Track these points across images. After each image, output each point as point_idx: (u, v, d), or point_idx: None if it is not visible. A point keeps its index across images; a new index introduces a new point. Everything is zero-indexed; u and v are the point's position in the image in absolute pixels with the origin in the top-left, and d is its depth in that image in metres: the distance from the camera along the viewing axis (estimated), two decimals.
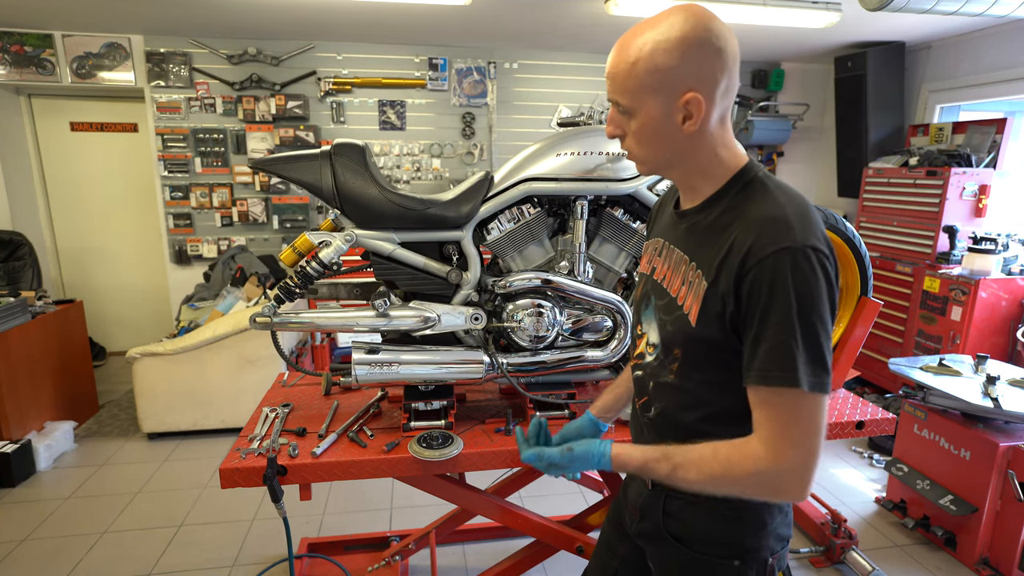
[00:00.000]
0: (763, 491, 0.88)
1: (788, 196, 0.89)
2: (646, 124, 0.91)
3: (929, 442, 2.51)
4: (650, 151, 0.94)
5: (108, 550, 2.42)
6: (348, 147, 1.56)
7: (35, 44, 3.92)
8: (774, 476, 0.84)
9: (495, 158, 4.59)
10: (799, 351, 0.81)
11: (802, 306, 0.81)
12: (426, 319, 1.58)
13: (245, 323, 3.22)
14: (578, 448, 1.01)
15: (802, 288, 0.81)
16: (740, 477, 0.86)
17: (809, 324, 0.82)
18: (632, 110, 0.91)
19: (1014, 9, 2.69)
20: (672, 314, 0.97)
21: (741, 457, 0.85)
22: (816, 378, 0.82)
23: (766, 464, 0.84)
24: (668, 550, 1.04)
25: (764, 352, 0.83)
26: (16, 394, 3.03)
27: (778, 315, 0.82)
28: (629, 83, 0.89)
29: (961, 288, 3.26)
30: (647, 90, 0.88)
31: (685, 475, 0.90)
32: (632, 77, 0.88)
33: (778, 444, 0.83)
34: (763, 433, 0.85)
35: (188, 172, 4.26)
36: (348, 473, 1.48)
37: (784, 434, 0.83)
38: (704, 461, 0.88)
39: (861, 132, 4.23)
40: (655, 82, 0.87)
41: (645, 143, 0.93)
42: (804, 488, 0.85)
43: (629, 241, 1.70)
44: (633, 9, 3.12)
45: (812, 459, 0.83)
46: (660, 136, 0.91)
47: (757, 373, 0.84)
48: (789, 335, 0.81)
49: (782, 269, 0.81)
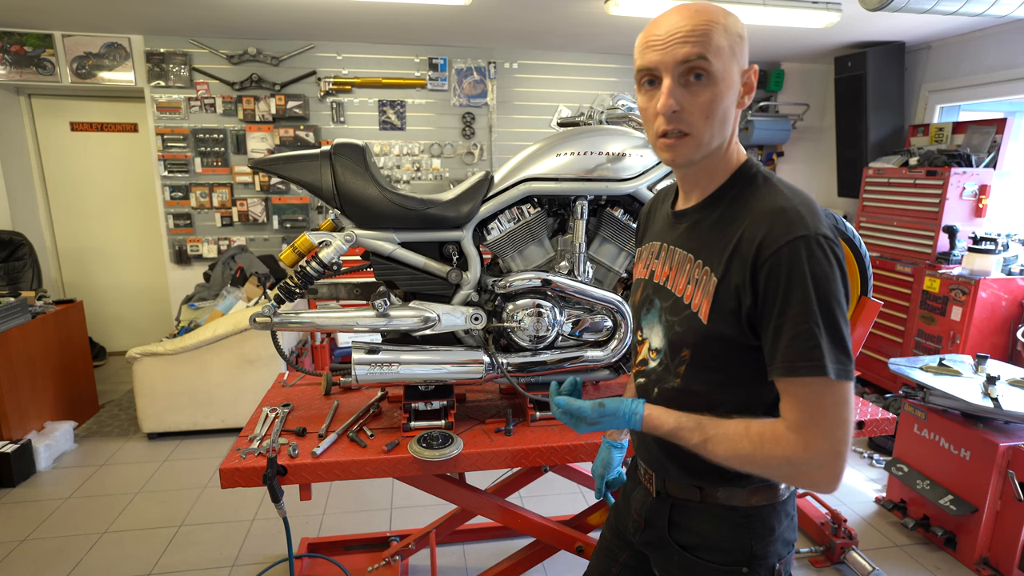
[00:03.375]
0: (792, 478, 0.87)
1: (792, 190, 0.89)
2: (725, 92, 0.86)
3: (929, 442, 2.51)
4: (714, 125, 0.88)
5: (108, 550, 2.43)
6: (348, 147, 1.56)
7: (35, 44, 3.92)
8: (804, 465, 0.83)
9: (495, 158, 4.59)
10: (823, 338, 0.80)
11: (821, 294, 0.81)
12: (426, 319, 1.58)
13: (245, 323, 3.22)
14: (609, 404, 0.96)
15: (819, 276, 0.81)
16: (769, 460, 0.84)
17: (829, 311, 0.81)
18: (717, 74, 0.85)
19: (1014, 9, 2.70)
20: (680, 314, 0.95)
21: (773, 440, 0.84)
22: (841, 365, 0.81)
23: (795, 452, 0.82)
24: (674, 558, 1.03)
25: (787, 342, 0.82)
26: (16, 394, 3.03)
27: (798, 304, 0.81)
28: (722, 42, 0.85)
29: (961, 288, 3.26)
30: (732, 54, 0.86)
31: (715, 448, 0.88)
32: (724, 36, 0.85)
33: (808, 433, 0.82)
34: (792, 422, 0.83)
35: (188, 172, 4.26)
36: (348, 473, 1.48)
37: (813, 423, 0.82)
38: (736, 438, 0.87)
39: (861, 132, 4.23)
40: (737, 48, 0.87)
41: (713, 115, 0.87)
42: (835, 479, 0.83)
43: (629, 241, 1.70)
44: (633, 9, 3.12)
45: (843, 448, 0.82)
46: (727, 108, 0.88)
47: (782, 364, 0.83)
48: (812, 323, 0.80)
49: (798, 258, 0.81)
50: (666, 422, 0.93)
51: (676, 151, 0.89)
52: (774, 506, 0.98)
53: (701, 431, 0.89)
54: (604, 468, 1.25)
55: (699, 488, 0.99)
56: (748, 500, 0.97)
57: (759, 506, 0.97)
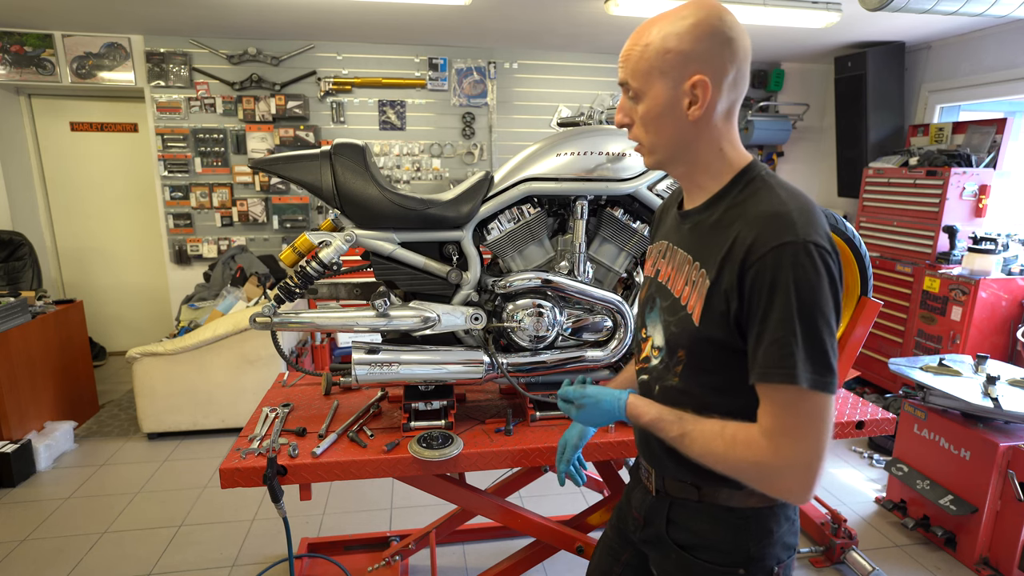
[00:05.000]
0: (762, 484, 0.87)
1: (791, 194, 0.88)
2: (653, 108, 0.91)
3: (929, 442, 2.51)
4: (655, 138, 0.94)
5: (108, 550, 2.42)
6: (348, 147, 1.56)
7: (35, 44, 3.92)
8: (772, 471, 0.83)
9: (495, 158, 4.59)
10: (798, 348, 0.80)
11: (803, 302, 0.80)
12: (426, 319, 1.58)
13: (245, 323, 3.22)
14: (592, 388, 1.06)
15: (803, 284, 0.80)
16: (739, 462, 0.85)
17: (810, 321, 0.80)
18: (641, 92, 0.91)
19: (1014, 9, 2.70)
20: (676, 315, 0.96)
21: (745, 444, 0.85)
22: (817, 376, 0.80)
23: (766, 457, 0.83)
24: (672, 557, 1.03)
25: (764, 349, 0.82)
26: (16, 394, 3.03)
27: (779, 311, 0.81)
28: (640, 65, 0.90)
29: (961, 288, 3.26)
30: (656, 72, 0.89)
31: (691, 444, 0.90)
32: (643, 59, 0.89)
33: (779, 440, 0.82)
34: (765, 427, 0.84)
35: (188, 172, 4.26)
36: (348, 473, 1.48)
37: (784, 431, 0.82)
38: (711, 436, 0.88)
39: (861, 132, 4.23)
40: (664, 64, 0.88)
41: (651, 128, 0.93)
42: (806, 489, 0.83)
43: (629, 241, 1.70)
44: (633, 9, 3.12)
45: (815, 459, 0.81)
46: (665, 121, 0.91)
47: (759, 370, 0.84)
48: (789, 332, 0.80)
49: (783, 265, 0.81)
50: (647, 412, 0.98)
51: (643, 157, 0.99)
52: (773, 509, 0.97)
53: (680, 425, 0.92)
54: (564, 443, 1.31)
55: (697, 487, 0.99)
56: (746, 501, 0.96)
57: (757, 508, 0.97)
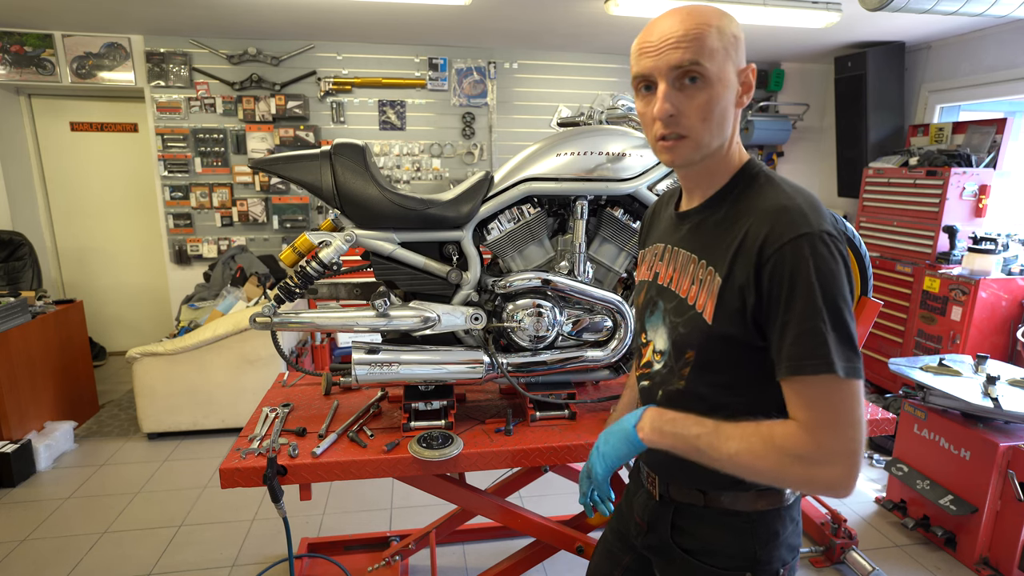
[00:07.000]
0: (803, 478, 0.81)
1: (795, 188, 0.89)
2: (722, 93, 0.86)
3: (929, 442, 2.51)
4: (714, 128, 0.88)
5: (108, 550, 2.42)
6: (348, 147, 1.56)
7: (35, 44, 3.92)
8: (818, 464, 0.79)
9: (495, 158, 4.59)
10: (829, 335, 0.79)
11: (826, 290, 0.80)
12: (426, 319, 1.58)
13: (245, 323, 3.22)
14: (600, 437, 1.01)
15: (824, 272, 0.80)
16: (782, 459, 0.81)
17: (835, 307, 0.80)
18: (711, 76, 0.85)
19: (1014, 9, 2.69)
20: (684, 315, 0.95)
21: (784, 437, 0.81)
22: (849, 363, 0.79)
23: (808, 450, 0.79)
24: (677, 563, 1.02)
25: (793, 340, 0.80)
26: (16, 394, 3.03)
27: (803, 301, 0.80)
28: (716, 46, 0.84)
29: (961, 288, 3.26)
30: (727, 56, 0.86)
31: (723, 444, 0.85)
32: (718, 39, 0.85)
33: (819, 432, 0.79)
34: (803, 421, 0.81)
35: (188, 172, 4.26)
36: (348, 473, 1.48)
37: (824, 422, 0.79)
38: (746, 435, 0.84)
39: (861, 132, 4.23)
40: (732, 49, 0.87)
41: (712, 117, 0.87)
42: (851, 479, 0.79)
43: (629, 241, 1.70)
44: (633, 9, 3.12)
45: (858, 447, 0.79)
46: (725, 109, 0.88)
47: (788, 363, 0.81)
48: (818, 319, 0.79)
49: (802, 255, 0.80)
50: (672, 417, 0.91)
51: (675, 153, 0.90)
52: (779, 511, 0.97)
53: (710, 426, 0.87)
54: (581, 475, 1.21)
55: (702, 492, 0.98)
56: (753, 504, 0.96)
57: (764, 511, 0.96)
